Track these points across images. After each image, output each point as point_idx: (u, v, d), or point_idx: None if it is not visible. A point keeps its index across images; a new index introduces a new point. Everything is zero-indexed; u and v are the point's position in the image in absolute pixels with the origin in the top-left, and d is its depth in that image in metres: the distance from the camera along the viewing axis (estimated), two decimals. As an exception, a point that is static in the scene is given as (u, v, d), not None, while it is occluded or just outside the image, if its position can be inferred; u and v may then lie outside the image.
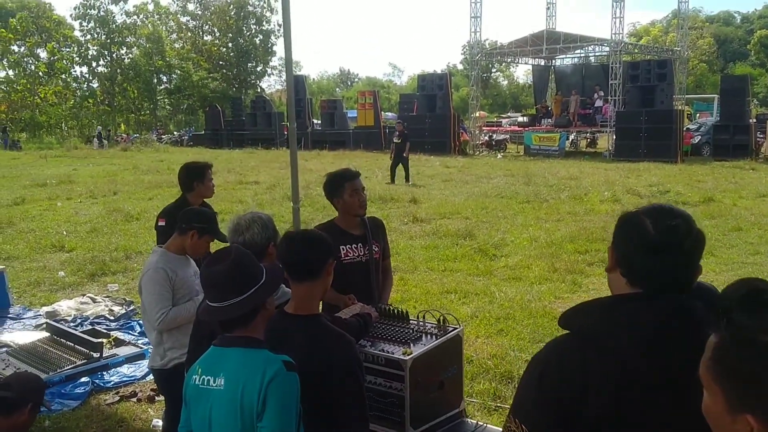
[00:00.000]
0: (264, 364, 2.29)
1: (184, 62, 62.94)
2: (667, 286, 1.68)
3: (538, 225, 12.87)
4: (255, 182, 20.77)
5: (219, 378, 2.34)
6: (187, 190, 5.47)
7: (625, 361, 1.61)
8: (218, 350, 2.41)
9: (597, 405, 1.63)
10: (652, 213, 1.73)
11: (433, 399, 3.41)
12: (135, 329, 7.29)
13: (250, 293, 2.36)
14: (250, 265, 2.44)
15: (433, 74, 34.17)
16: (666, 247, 1.68)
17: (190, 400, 2.44)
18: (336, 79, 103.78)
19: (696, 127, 30.09)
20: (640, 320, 1.63)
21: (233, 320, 2.37)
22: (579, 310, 1.77)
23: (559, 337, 1.81)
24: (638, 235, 1.71)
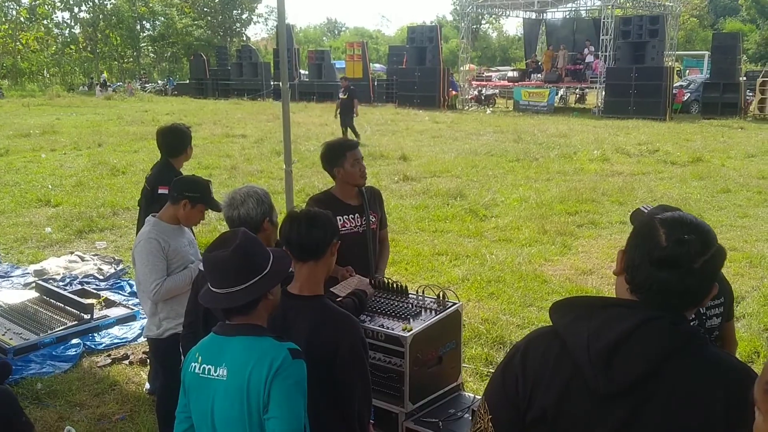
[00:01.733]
0: (269, 352, 2.23)
1: (167, 8, 61.55)
2: (668, 302, 1.63)
3: (528, 185, 12.86)
4: (242, 135, 20.55)
5: (221, 368, 2.27)
6: (175, 155, 5.33)
7: (579, 365, 1.62)
8: (219, 339, 2.34)
9: (544, 398, 1.67)
10: (668, 223, 1.65)
11: (431, 374, 3.42)
12: (125, 289, 7.26)
13: (254, 281, 2.28)
14: (256, 253, 2.35)
15: (423, 26, 33.70)
16: (675, 264, 1.61)
17: (190, 388, 2.37)
18: (323, 29, 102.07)
19: (685, 85, 29.95)
20: (610, 328, 1.60)
21: (235, 308, 2.31)
22: (564, 305, 1.76)
23: (542, 327, 1.83)
24: (648, 246, 1.64)
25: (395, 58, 35.27)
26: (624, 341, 1.58)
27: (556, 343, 1.70)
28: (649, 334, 1.58)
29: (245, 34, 69.99)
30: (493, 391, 1.81)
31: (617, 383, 1.57)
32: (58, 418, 4.74)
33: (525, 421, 1.72)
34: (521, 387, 1.72)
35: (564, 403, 1.65)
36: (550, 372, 1.68)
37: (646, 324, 1.59)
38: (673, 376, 1.57)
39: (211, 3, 66.50)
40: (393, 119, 25.55)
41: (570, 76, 31.74)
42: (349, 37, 71.66)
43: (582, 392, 1.62)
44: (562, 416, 1.66)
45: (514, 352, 1.79)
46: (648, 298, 1.65)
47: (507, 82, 35.27)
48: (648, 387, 1.57)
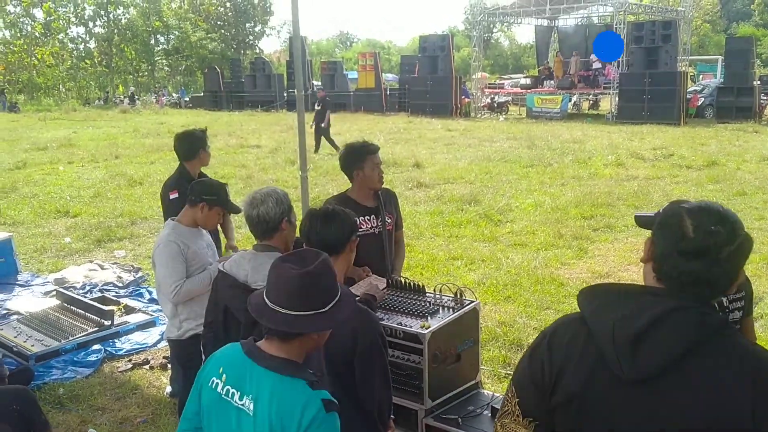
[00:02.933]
0: (303, 402, 2.04)
1: (181, 22, 62.13)
2: (696, 290, 1.65)
3: (543, 190, 12.86)
4: (257, 146, 20.69)
5: (247, 398, 2.10)
6: (190, 158, 5.42)
7: (604, 350, 1.63)
8: (248, 362, 2.13)
9: (570, 382, 1.69)
10: (696, 214, 1.66)
11: (450, 371, 3.45)
12: (144, 296, 7.33)
13: (309, 314, 2.10)
14: (326, 287, 2.16)
15: (434, 35, 33.71)
16: (702, 254, 1.63)
17: (209, 406, 2.19)
18: (335, 41, 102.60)
19: (699, 89, 29.83)
20: (637, 316, 1.61)
21: (279, 331, 2.12)
22: (592, 292, 1.77)
23: (570, 314, 1.84)
24: (676, 236, 1.66)
25: (407, 67, 35.38)
26: (651, 329, 1.59)
27: (582, 329, 1.72)
28: (677, 322, 1.59)
29: (258, 46, 70.55)
30: (520, 375, 1.85)
31: (642, 370, 1.58)
32: (80, 422, 4.80)
33: (551, 405, 1.74)
34: (547, 371, 1.74)
35: (589, 389, 1.67)
36: (577, 358, 1.70)
37: (674, 312, 1.60)
38: (699, 366, 1.57)
39: (224, 16, 67.09)
40: (406, 128, 25.61)
41: (583, 83, 31.72)
42: (361, 49, 71.99)
43: (607, 379, 1.64)
44: (587, 402, 1.68)
45: (542, 338, 1.82)
46: (675, 286, 1.67)
47: (520, 89, 35.29)
48: (674, 375, 1.57)
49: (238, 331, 3.22)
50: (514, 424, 1.82)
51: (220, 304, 3.34)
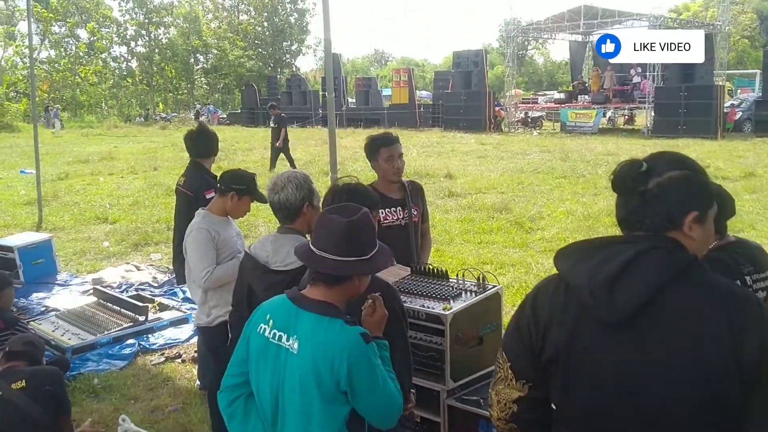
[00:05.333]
0: (342, 338, 2.23)
1: (220, 41, 63.31)
2: (643, 227, 1.71)
3: (575, 199, 12.80)
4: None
5: (292, 339, 2.27)
6: (206, 156, 5.56)
7: (583, 299, 1.68)
8: (293, 308, 2.32)
9: (556, 337, 1.75)
10: (651, 158, 1.77)
11: (472, 354, 3.48)
12: (178, 295, 7.48)
13: (355, 259, 2.29)
14: (369, 236, 2.37)
15: (468, 51, 33.78)
16: (622, 189, 1.75)
17: (257, 349, 2.36)
18: (370, 59, 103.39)
19: (737, 103, 29.38)
20: (610, 262, 1.66)
21: (326, 276, 2.30)
22: (566, 251, 1.83)
23: (548, 276, 1.90)
24: (627, 181, 1.75)
25: (441, 83, 35.54)
26: (624, 271, 1.64)
27: (561, 286, 1.78)
28: (648, 261, 1.64)
29: (294, 64, 71.45)
30: (509, 340, 1.91)
31: (620, 310, 1.62)
32: (113, 410, 4.92)
33: (541, 363, 1.80)
34: (534, 331, 1.80)
35: (575, 339, 1.72)
36: (559, 313, 1.76)
37: (644, 253, 1.65)
38: (675, 301, 1.62)
39: (262, 35, 68.20)
40: (439, 142, 25.68)
41: (618, 97, 31.45)
42: (395, 66, 72.42)
43: (591, 326, 1.69)
44: (575, 351, 1.73)
45: (524, 302, 1.89)
46: (621, 227, 1.76)
47: (554, 104, 35.14)
48: (652, 313, 1.62)
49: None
50: (508, 389, 1.88)
51: (244, 284, 3.44)
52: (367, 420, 2.35)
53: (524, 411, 1.87)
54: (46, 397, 3.55)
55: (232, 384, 2.44)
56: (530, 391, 1.84)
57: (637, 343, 1.63)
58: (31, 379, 3.56)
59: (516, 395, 1.86)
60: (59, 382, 3.78)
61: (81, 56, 57.74)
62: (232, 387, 2.44)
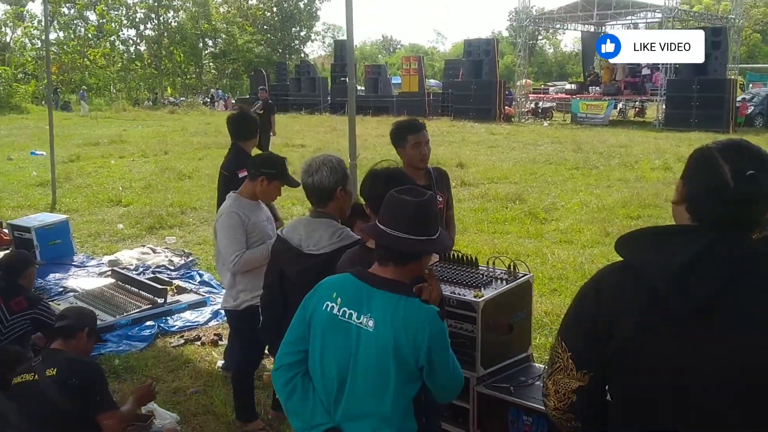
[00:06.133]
0: (423, 316, 2.29)
1: (229, 26, 63.15)
2: (734, 228, 1.66)
3: (588, 190, 12.76)
4: (301, 145, 20.93)
5: (366, 317, 2.29)
6: (245, 138, 5.52)
7: (655, 289, 1.64)
8: (363, 286, 2.35)
9: (625, 329, 1.70)
10: (730, 155, 1.66)
11: (502, 342, 3.48)
12: (195, 279, 7.50)
13: (425, 239, 2.33)
14: (435, 217, 2.42)
15: (479, 40, 33.66)
16: (742, 200, 1.64)
17: (323, 326, 2.37)
18: (379, 46, 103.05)
19: (749, 98, 29.22)
20: (679, 251, 1.62)
21: (397, 254, 2.34)
22: (630, 238, 1.77)
23: (610, 263, 1.85)
24: (713, 182, 1.66)
25: (451, 71, 35.44)
26: (696, 262, 1.60)
27: (628, 274, 1.73)
28: (720, 252, 1.60)
29: (303, 50, 71.28)
30: (570, 329, 1.86)
31: (694, 301, 1.59)
32: (135, 390, 4.95)
33: (606, 354, 1.76)
34: (599, 321, 1.76)
35: (645, 331, 1.68)
36: (627, 303, 1.71)
37: (716, 244, 1.61)
38: (747, 293, 1.59)
39: (271, 21, 68.02)
40: (449, 131, 25.62)
41: (629, 89, 31.31)
42: (404, 54, 72.07)
43: (661, 317, 1.65)
44: (644, 344, 1.68)
45: (587, 290, 1.84)
46: (711, 224, 1.67)
47: (565, 94, 35.01)
48: (725, 304, 1.59)
49: (294, 293, 3.32)
50: (567, 379, 1.84)
51: (277, 267, 3.44)
52: (435, 395, 2.42)
53: (583, 401, 1.84)
54: (73, 390, 3.41)
55: (290, 362, 2.43)
56: (591, 381, 1.82)
57: (712, 336, 1.61)
58: (61, 368, 3.45)
59: (576, 385, 1.83)
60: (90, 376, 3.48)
61: (90, 39, 57.63)
62: (290, 365, 2.43)
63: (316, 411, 2.37)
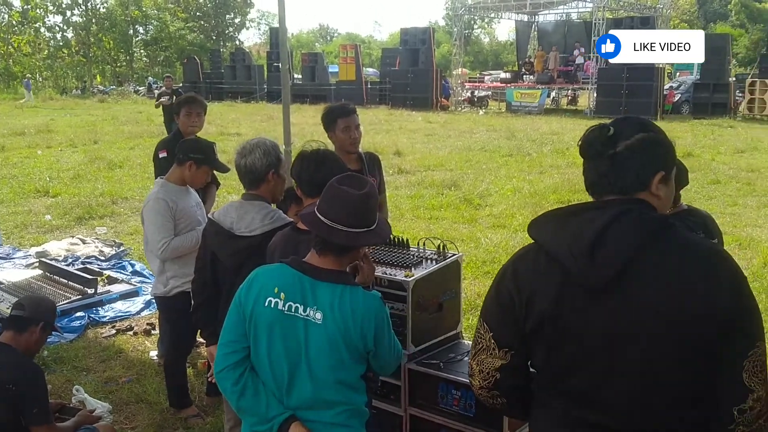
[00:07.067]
0: (369, 304, 2.35)
1: (160, 12, 61.66)
2: (603, 191, 1.78)
3: (522, 177, 13.04)
4: (237, 134, 20.64)
5: (312, 309, 2.32)
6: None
7: (566, 266, 1.73)
8: (305, 278, 2.35)
9: (541, 305, 1.79)
10: (615, 124, 1.82)
11: (432, 319, 3.55)
12: (127, 269, 7.37)
13: (365, 230, 2.36)
14: (375, 206, 2.44)
15: (416, 29, 33.77)
16: (586, 153, 1.81)
17: (269, 323, 2.35)
18: (316, 34, 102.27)
19: (676, 86, 30.25)
20: (586, 227, 1.72)
21: (338, 246, 2.35)
22: (540, 221, 1.88)
23: (525, 245, 1.94)
24: (591, 150, 1.83)
25: (388, 60, 35.46)
26: (602, 235, 1.69)
27: (541, 254, 1.82)
28: (624, 225, 1.70)
29: (238, 38, 70.13)
30: (490, 310, 1.94)
31: (603, 274, 1.68)
32: (65, 381, 4.86)
33: (525, 332, 1.85)
34: (517, 300, 1.84)
35: (560, 306, 1.77)
36: (542, 281, 1.80)
37: (618, 217, 1.71)
38: (653, 261, 1.69)
39: (204, 7, 66.60)
40: (387, 119, 25.70)
41: (562, 78, 32.00)
42: (341, 42, 71.88)
43: (574, 292, 1.74)
44: (560, 318, 1.77)
45: (503, 273, 1.92)
46: (590, 191, 1.82)
47: (500, 83, 35.52)
48: (632, 273, 1.68)
49: (226, 276, 3.33)
50: (491, 358, 1.92)
51: (208, 250, 3.43)
52: (376, 370, 2.54)
53: (507, 378, 1.93)
54: (9, 396, 3.28)
55: (234, 361, 2.40)
56: (513, 359, 1.90)
57: (620, 304, 1.70)
58: (1, 370, 3.31)
59: (499, 363, 1.91)
60: (30, 384, 3.36)
61: (14, 25, 55.35)
62: (234, 364, 2.40)
63: (270, 404, 2.38)
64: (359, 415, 2.46)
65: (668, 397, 1.70)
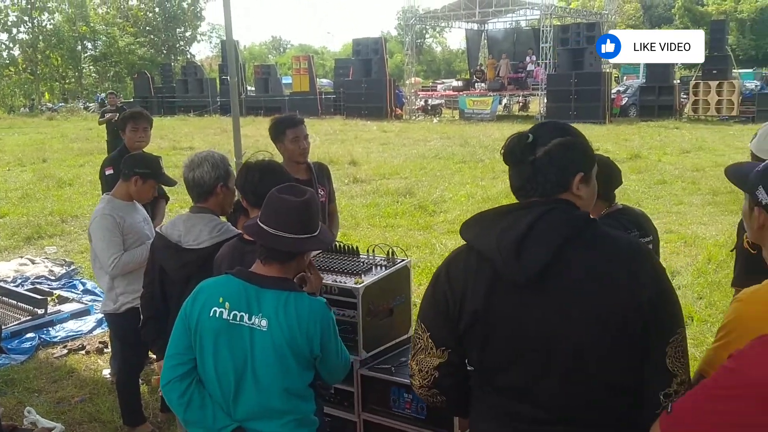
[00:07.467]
0: (314, 310, 2.39)
1: (109, 28, 60.63)
2: (528, 194, 1.86)
3: (475, 182, 13.21)
4: (190, 148, 20.41)
5: (257, 317, 2.35)
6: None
7: (495, 264, 1.81)
8: (250, 287, 2.39)
9: (474, 303, 1.86)
10: (518, 132, 1.92)
11: (383, 325, 3.59)
12: (78, 287, 7.26)
13: (308, 237, 2.41)
14: (316, 215, 2.50)
15: (368, 39, 33.93)
16: (508, 160, 1.90)
17: (215, 332, 2.37)
18: (268, 46, 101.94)
19: (623, 90, 30.96)
20: (514, 227, 1.79)
21: (282, 253, 2.40)
22: (470, 223, 1.95)
23: (458, 247, 2.01)
24: (513, 157, 1.90)
25: (341, 71, 35.55)
26: (528, 233, 1.77)
27: (472, 254, 1.90)
28: (548, 223, 1.78)
29: (189, 52, 69.40)
30: (427, 311, 2.00)
31: (529, 271, 1.76)
32: (17, 402, 4.78)
33: (460, 330, 1.91)
34: (451, 300, 1.90)
35: (491, 303, 1.84)
36: (474, 280, 1.87)
37: (545, 215, 1.79)
38: (577, 256, 1.77)
39: (153, 22, 65.84)
40: (342, 129, 25.76)
41: (513, 84, 32.48)
42: (294, 53, 71.75)
43: (504, 288, 1.82)
44: (491, 314, 1.84)
45: (438, 274, 1.99)
46: (515, 195, 1.90)
47: (452, 91, 35.88)
48: (558, 270, 1.76)
49: (174, 289, 3.32)
50: (429, 357, 1.98)
51: (156, 264, 3.43)
52: (325, 378, 2.55)
53: (446, 376, 1.99)
54: None
55: (181, 373, 2.41)
56: (450, 357, 1.96)
57: (548, 299, 1.77)
58: None
59: (437, 362, 1.97)
60: None
61: (-43, 43, 53.91)
62: (181, 376, 2.41)
63: (217, 416, 2.40)
64: (308, 425, 2.48)
65: (598, 387, 1.78)
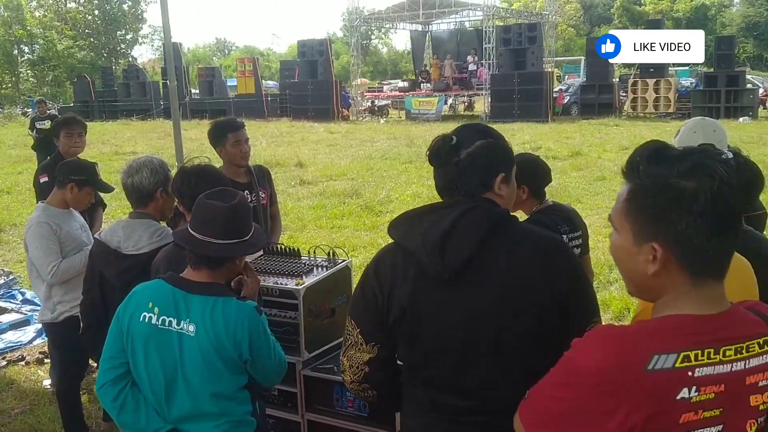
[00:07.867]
0: (241, 314, 2.39)
1: (47, 31, 59.02)
2: (452, 194, 1.94)
3: (421, 182, 13.30)
4: (132, 152, 20.03)
5: (185, 323, 2.36)
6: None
7: (420, 260, 1.88)
8: (178, 292, 2.41)
9: (400, 298, 1.93)
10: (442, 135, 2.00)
11: (325, 325, 3.63)
12: (17, 297, 7.09)
13: (237, 241, 2.41)
14: (246, 218, 2.50)
15: (313, 40, 33.85)
16: (434, 162, 1.98)
17: (144, 337, 2.40)
18: (212, 48, 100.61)
19: (565, 89, 31.60)
20: (438, 224, 1.87)
21: (210, 259, 2.41)
22: (398, 221, 2.02)
23: (387, 245, 2.08)
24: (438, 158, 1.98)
25: (287, 72, 35.40)
26: (452, 230, 1.85)
27: (399, 251, 1.97)
28: (470, 220, 1.87)
29: (131, 54, 68.07)
30: (356, 307, 2.07)
31: (452, 266, 1.84)
32: (-48, 418, 4.65)
33: (389, 325, 1.98)
34: (379, 296, 1.97)
35: (417, 297, 1.92)
36: (400, 276, 1.94)
37: (467, 212, 1.88)
38: (497, 251, 1.86)
39: (93, 24, 64.36)
40: (288, 131, 25.66)
41: (457, 85, 32.84)
42: (239, 55, 71.06)
43: (429, 283, 1.89)
44: (418, 308, 1.92)
45: (367, 271, 2.05)
46: (449, 196, 1.96)
47: (399, 92, 36.08)
48: (479, 264, 1.85)
49: (114, 296, 3.30)
50: (359, 353, 2.04)
51: (96, 271, 3.40)
52: (260, 381, 2.55)
53: (376, 371, 2.05)
54: None
55: (114, 377, 2.43)
56: (380, 352, 2.02)
57: (470, 293, 1.85)
58: None
59: (367, 357, 2.03)
60: None
61: None
62: (114, 380, 2.43)
63: (150, 418, 2.42)
64: (243, 425, 2.50)
65: (519, 377, 1.86)
